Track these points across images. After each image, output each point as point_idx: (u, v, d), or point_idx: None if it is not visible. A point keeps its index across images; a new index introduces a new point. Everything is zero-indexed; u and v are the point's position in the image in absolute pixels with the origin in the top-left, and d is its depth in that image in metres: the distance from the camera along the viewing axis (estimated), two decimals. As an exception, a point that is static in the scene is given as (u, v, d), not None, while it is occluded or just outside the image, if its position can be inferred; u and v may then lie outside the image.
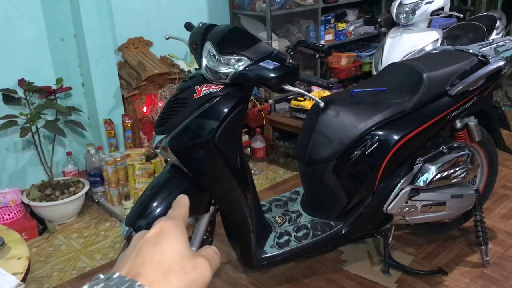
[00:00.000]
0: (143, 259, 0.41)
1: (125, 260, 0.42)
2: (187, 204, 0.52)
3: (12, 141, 2.83)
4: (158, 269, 0.40)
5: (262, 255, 1.81)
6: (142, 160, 2.82)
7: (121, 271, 0.40)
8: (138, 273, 0.39)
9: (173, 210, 0.50)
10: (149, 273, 0.39)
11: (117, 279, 0.38)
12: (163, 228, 0.44)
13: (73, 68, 2.94)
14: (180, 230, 0.44)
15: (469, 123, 2.14)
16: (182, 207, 0.50)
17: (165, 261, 0.41)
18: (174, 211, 0.49)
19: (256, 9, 3.45)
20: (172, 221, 0.45)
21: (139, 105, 3.08)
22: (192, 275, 0.41)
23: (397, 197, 1.89)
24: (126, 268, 0.41)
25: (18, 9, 2.71)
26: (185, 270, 0.41)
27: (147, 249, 0.42)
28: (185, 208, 0.51)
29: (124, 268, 0.41)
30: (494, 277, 2.14)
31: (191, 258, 0.42)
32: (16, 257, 1.63)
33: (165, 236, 0.43)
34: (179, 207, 0.50)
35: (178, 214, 0.48)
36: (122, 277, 0.39)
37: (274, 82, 1.60)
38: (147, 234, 0.44)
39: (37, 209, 2.74)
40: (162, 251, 0.41)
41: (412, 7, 2.92)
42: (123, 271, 0.40)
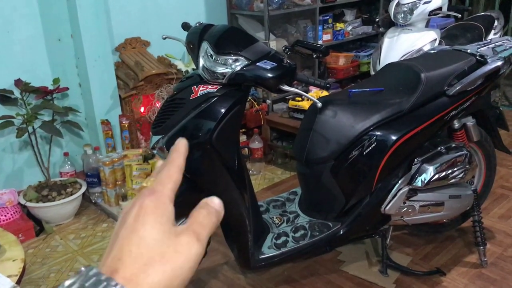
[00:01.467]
0: (120, 252, 0.38)
1: (107, 252, 0.40)
2: (182, 152, 0.46)
3: (8, 141, 2.81)
4: (135, 262, 0.37)
5: (259, 256, 1.81)
6: (140, 160, 2.81)
7: (101, 266, 0.38)
8: (116, 269, 0.37)
9: (162, 173, 0.44)
10: (126, 268, 0.37)
11: (93, 277, 0.36)
12: (142, 210, 0.40)
13: (70, 68, 2.93)
14: (161, 208, 0.40)
15: (467, 123, 2.13)
16: (173, 165, 0.45)
17: (142, 252, 0.38)
18: (162, 174, 0.44)
19: (254, 9, 3.45)
20: (152, 197, 0.41)
21: (136, 106, 3.07)
22: (174, 262, 0.38)
23: (395, 197, 1.89)
24: (105, 263, 0.38)
25: (14, 9, 2.70)
26: (166, 258, 0.38)
27: (125, 239, 0.39)
28: (177, 164, 0.45)
29: (104, 262, 0.38)
30: (492, 278, 2.14)
31: (173, 240, 0.39)
32: (11, 259, 1.62)
33: (142, 222, 0.39)
34: (170, 166, 0.45)
35: (164, 180, 0.43)
36: (99, 274, 0.36)
37: (272, 82, 1.59)
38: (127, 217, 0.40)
39: (34, 210, 2.72)
40: (140, 241, 0.38)
41: (410, 7, 2.92)
42: (103, 267, 0.38)
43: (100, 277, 0.36)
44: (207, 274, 2.23)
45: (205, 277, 2.21)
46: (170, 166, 0.45)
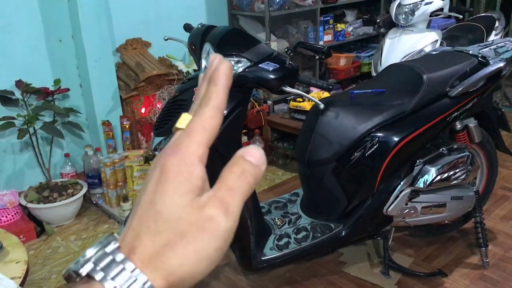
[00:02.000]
0: (139, 227, 0.33)
1: (129, 220, 0.35)
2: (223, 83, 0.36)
3: (9, 142, 2.81)
4: (154, 243, 0.32)
5: (261, 257, 1.80)
6: (141, 161, 2.81)
7: (122, 238, 0.34)
8: (134, 248, 0.33)
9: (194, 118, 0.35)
10: (145, 249, 0.33)
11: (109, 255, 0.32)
12: (162, 175, 0.34)
13: (71, 69, 2.93)
14: (183, 173, 0.33)
15: (469, 124, 2.13)
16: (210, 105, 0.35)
17: (161, 230, 0.32)
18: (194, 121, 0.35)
19: (255, 10, 3.44)
20: (175, 157, 0.34)
21: (137, 106, 3.07)
22: (197, 243, 0.32)
23: (397, 199, 1.89)
24: (126, 237, 0.34)
25: (15, 10, 2.70)
26: (187, 238, 0.32)
27: (143, 210, 0.34)
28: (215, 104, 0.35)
29: (125, 234, 0.34)
30: (494, 279, 2.13)
31: (195, 215, 0.33)
32: (14, 261, 1.62)
33: (161, 192, 0.33)
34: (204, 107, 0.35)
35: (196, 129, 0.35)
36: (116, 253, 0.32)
37: (274, 83, 1.59)
38: (150, 180, 0.34)
39: (34, 211, 2.72)
40: (157, 216, 0.33)
41: (411, 8, 2.92)
42: (123, 241, 0.34)
43: (116, 257, 0.32)
44: (208, 275, 2.22)
45: (206, 278, 2.21)
46: (205, 108, 0.35)
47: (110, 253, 0.32)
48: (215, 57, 0.38)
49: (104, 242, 0.33)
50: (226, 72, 0.36)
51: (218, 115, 0.35)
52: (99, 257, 0.32)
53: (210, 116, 0.35)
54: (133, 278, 0.32)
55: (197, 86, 0.39)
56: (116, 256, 0.32)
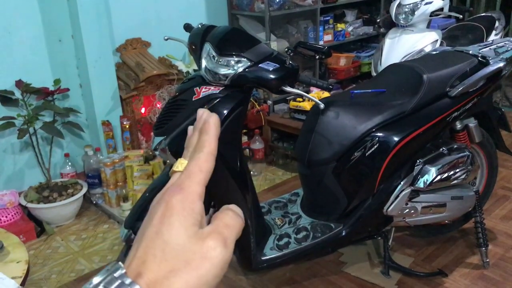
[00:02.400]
0: (145, 255, 0.37)
1: (134, 249, 0.38)
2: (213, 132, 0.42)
3: (9, 142, 2.81)
4: (160, 269, 0.36)
5: (261, 257, 1.80)
6: (141, 161, 2.80)
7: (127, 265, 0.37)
8: (140, 273, 0.36)
9: (191, 163, 0.41)
10: (150, 274, 0.36)
11: (118, 280, 0.36)
12: (167, 210, 0.38)
13: (71, 69, 2.93)
14: (187, 208, 0.38)
15: (469, 124, 2.13)
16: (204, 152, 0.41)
17: (167, 258, 0.36)
18: (191, 165, 0.41)
19: (255, 10, 3.44)
20: (179, 195, 0.39)
21: (137, 106, 3.07)
22: (200, 269, 0.36)
23: (397, 198, 1.89)
24: (131, 264, 0.37)
25: (15, 10, 2.70)
26: (191, 265, 0.36)
27: (149, 240, 0.38)
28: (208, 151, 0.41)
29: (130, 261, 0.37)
30: (495, 279, 2.13)
31: (199, 246, 0.37)
32: (15, 260, 1.62)
33: (167, 224, 0.37)
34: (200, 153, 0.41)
35: (194, 172, 0.40)
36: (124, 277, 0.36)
37: (274, 83, 1.59)
38: (154, 214, 0.39)
39: (34, 211, 2.72)
40: (164, 246, 0.37)
41: (411, 7, 2.92)
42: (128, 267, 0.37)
43: (125, 281, 0.35)
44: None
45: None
46: (200, 153, 0.41)
47: (119, 278, 0.36)
48: (203, 112, 0.45)
49: (111, 269, 0.37)
50: (215, 123, 0.43)
51: (211, 159, 0.42)
52: (109, 281, 0.36)
53: (205, 160, 0.41)
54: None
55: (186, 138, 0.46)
56: (125, 280, 0.36)
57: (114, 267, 0.37)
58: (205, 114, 0.44)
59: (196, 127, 0.45)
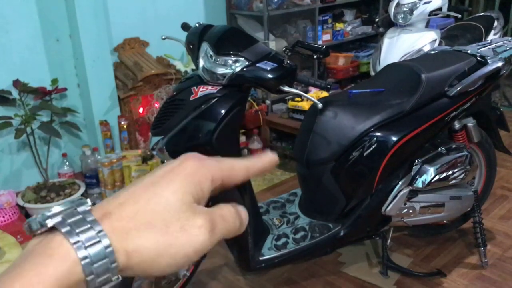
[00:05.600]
0: (127, 198, 0.34)
1: (120, 191, 0.35)
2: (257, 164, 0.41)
3: (7, 142, 2.80)
4: (134, 217, 0.32)
5: (259, 258, 1.80)
6: (139, 161, 2.80)
7: (100, 204, 0.34)
8: (109, 213, 0.33)
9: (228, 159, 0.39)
10: (121, 218, 0.32)
11: (79, 215, 0.32)
12: (178, 168, 0.35)
13: (68, 68, 2.92)
14: (195, 178, 0.35)
15: (467, 124, 2.13)
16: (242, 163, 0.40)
17: (148, 209, 0.33)
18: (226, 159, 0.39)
19: (253, 9, 3.44)
20: (197, 162, 0.36)
21: (135, 106, 3.06)
22: (173, 237, 0.33)
23: (395, 198, 1.88)
24: (107, 203, 0.34)
25: (12, 9, 2.69)
26: (167, 229, 0.33)
27: (142, 187, 0.34)
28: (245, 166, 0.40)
29: (107, 201, 0.34)
30: (493, 279, 2.13)
31: (186, 216, 0.34)
32: (11, 261, 1.61)
33: (169, 179, 0.34)
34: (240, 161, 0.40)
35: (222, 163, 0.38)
36: (87, 214, 0.32)
37: (272, 83, 1.59)
38: (162, 168, 0.36)
39: (32, 211, 2.71)
40: (152, 198, 0.33)
41: (410, 7, 2.91)
42: (99, 206, 0.33)
43: (87, 217, 0.32)
44: (206, 276, 2.22)
45: (205, 278, 2.20)
46: (243, 160, 0.40)
47: (81, 213, 0.32)
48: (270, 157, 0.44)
49: (76, 202, 0.33)
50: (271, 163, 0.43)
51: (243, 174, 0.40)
52: (69, 214, 0.32)
53: (239, 167, 0.40)
54: (97, 239, 0.31)
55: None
56: (87, 216, 0.32)
57: (80, 201, 0.33)
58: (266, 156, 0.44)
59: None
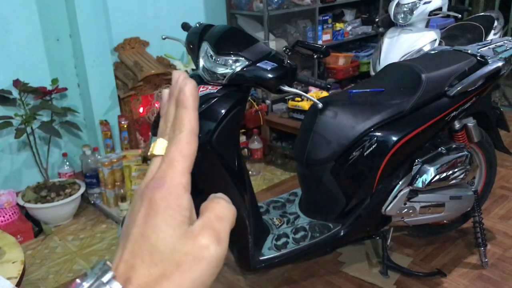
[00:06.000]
0: (133, 259, 0.34)
1: (120, 251, 0.35)
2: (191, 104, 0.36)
3: (7, 142, 2.80)
4: (149, 274, 0.33)
5: (259, 258, 1.80)
6: (139, 161, 2.80)
7: (115, 268, 0.34)
8: (129, 279, 0.33)
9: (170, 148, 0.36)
10: (140, 278, 0.33)
11: (107, 286, 0.33)
12: (151, 209, 0.34)
13: (68, 68, 2.92)
14: (173, 205, 0.34)
15: (467, 124, 2.13)
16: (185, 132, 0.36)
17: (156, 262, 0.33)
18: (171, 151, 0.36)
19: (253, 9, 3.44)
20: (162, 191, 0.34)
21: (135, 106, 3.06)
22: (194, 271, 0.33)
23: (395, 198, 1.88)
24: (119, 267, 0.34)
25: (13, 9, 2.69)
26: (184, 268, 0.33)
27: (136, 242, 0.34)
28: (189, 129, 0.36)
29: (117, 265, 0.34)
30: (493, 279, 2.13)
31: (190, 246, 0.34)
32: (10, 261, 1.61)
33: (152, 226, 0.34)
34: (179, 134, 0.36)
35: (175, 159, 0.35)
36: (112, 283, 0.33)
37: (272, 83, 1.59)
38: (136, 214, 0.35)
39: (32, 211, 2.71)
40: (152, 250, 0.33)
41: (410, 7, 2.91)
42: (116, 271, 0.34)
43: (114, 287, 0.33)
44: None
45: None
46: (181, 134, 0.36)
47: (107, 283, 0.33)
48: (179, 75, 0.38)
49: (99, 272, 0.33)
50: (193, 93, 0.37)
51: (194, 140, 0.36)
52: (97, 286, 0.33)
53: (186, 142, 0.36)
54: None
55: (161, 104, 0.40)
56: (114, 286, 0.33)
57: (102, 269, 0.34)
58: (181, 79, 0.38)
59: (172, 94, 0.38)
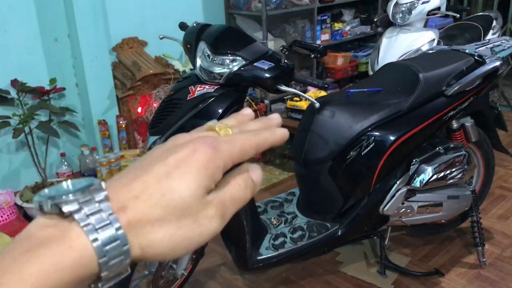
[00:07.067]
0: (141, 191, 0.33)
1: (129, 175, 0.34)
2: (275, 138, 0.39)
3: (5, 142, 2.80)
4: (150, 212, 0.33)
5: (257, 257, 1.80)
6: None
7: (114, 191, 0.33)
8: (126, 207, 0.32)
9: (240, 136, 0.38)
10: (136, 213, 0.33)
11: (97, 204, 0.32)
12: (192, 157, 0.34)
13: (66, 68, 2.92)
14: (209, 169, 0.34)
15: (465, 123, 2.13)
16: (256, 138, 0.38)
17: (162, 205, 0.33)
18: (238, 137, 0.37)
19: (252, 9, 3.44)
20: (212, 150, 0.35)
21: (133, 106, 3.06)
22: (187, 231, 0.34)
23: (393, 198, 1.88)
24: (120, 192, 0.33)
25: (11, 9, 2.68)
26: (181, 224, 0.34)
27: (154, 177, 0.34)
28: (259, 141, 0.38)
29: (120, 189, 0.34)
30: (491, 278, 2.13)
31: (198, 208, 0.34)
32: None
33: (183, 172, 0.34)
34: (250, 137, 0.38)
35: (236, 144, 0.37)
36: (104, 203, 0.32)
37: (269, 82, 1.59)
38: (174, 153, 0.35)
39: (30, 210, 2.70)
40: (167, 191, 0.33)
41: (408, 7, 2.92)
42: (114, 194, 0.33)
43: (105, 209, 0.32)
44: (204, 275, 2.22)
45: (203, 278, 2.20)
46: (253, 137, 0.38)
47: (98, 202, 0.32)
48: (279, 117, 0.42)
49: (91, 186, 0.33)
50: (282, 134, 0.40)
51: (253, 151, 0.38)
52: (86, 202, 0.32)
53: (250, 146, 0.38)
54: (115, 236, 0.32)
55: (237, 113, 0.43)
56: (104, 209, 0.32)
57: (94, 186, 0.33)
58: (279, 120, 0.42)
59: (262, 120, 0.42)
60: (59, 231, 0.31)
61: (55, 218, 0.32)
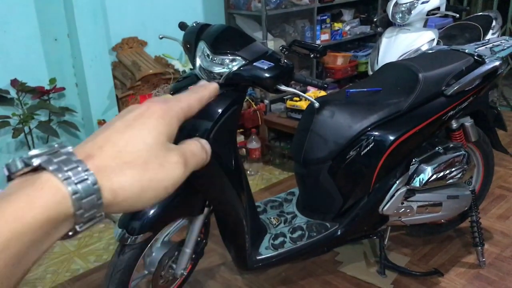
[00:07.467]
0: (105, 142, 0.36)
1: (90, 138, 0.37)
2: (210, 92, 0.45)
3: (4, 142, 2.80)
4: (116, 157, 0.35)
5: (257, 257, 1.80)
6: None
7: (79, 148, 0.35)
8: (92, 155, 0.34)
9: (182, 94, 0.43)
10: (103, 158, 0.34)
11: (64, 155, 0.33)
12: (148, 111, 0.38)
13: (66, 68, 2.92)
14: (165, 119, 0.38)
15: (465, 123, 2.13)
16: (196, 95, 0.44)
17: (128, 150, 0.35)
18: (181, 95, 0.43)
19: (252, 9, 3.44)
20: (163, 105, 0.39)
21: (133, 106, 3.06)
22: (154, 173, 0.36)
23: (392, 198, 1.88)
24: (84, 147, 0.35)
25: (11, 9, 2.69)
26: (147, 167, 0.36)
27: (116, 131, 0.36)
28: (199, 97, 0.44)
29: (82, 146, 0.36)
30: (491, 278, 2.13)
31: (162, 153, 0.37)
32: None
33: (142, 123, 0.37)
34: (190, 95, 0.43)
35: (182, 99, 0.42)
36: (71, 154, 0.34)
37: (269, 82, 1.58)
38: (130, 112, 0.38)
39: (30, 210, 2.71)
40: (130, 139, 0.36)
41: (408, 6, 2.92)
42: (78, 149, 0.35)
43: (72, 158, 0.34)
44: (204, 275, 2.22)
45: (202, 278, 2.20)
46: (192, 93, 0.44)
47: (66, 153, 0.34)
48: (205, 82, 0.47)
49: (56, 146, 0.34)
50: (215, 88, 0.46)
51: (199, 104, 0.43)
52: (53, 154, 0.33)
53: (194, 99, 0.43)
54: (84, 176, 0.33)
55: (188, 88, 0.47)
56: (71, 157, 0.34)
57: (61, 145, 0.35)
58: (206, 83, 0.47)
59: (196, 86, 0.46)
60: (30, 179, 0.33)
61: (29, 175, 0.34)
